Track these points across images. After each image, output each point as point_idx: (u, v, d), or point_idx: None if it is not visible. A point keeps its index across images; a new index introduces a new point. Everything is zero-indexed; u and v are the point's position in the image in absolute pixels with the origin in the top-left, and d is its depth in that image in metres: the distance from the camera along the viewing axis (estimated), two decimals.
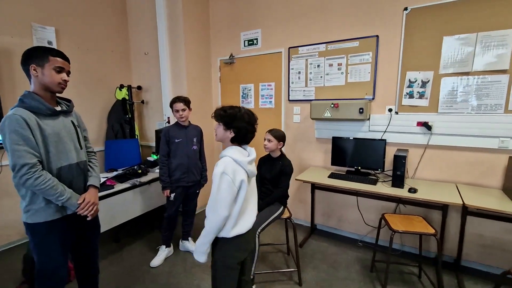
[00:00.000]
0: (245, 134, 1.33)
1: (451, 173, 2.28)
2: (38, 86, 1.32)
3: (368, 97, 2.54)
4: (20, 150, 1.20)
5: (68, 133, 1.40)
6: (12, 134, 1.19)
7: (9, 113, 1.22)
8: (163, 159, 2.32)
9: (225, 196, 1.22)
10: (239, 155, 1.29)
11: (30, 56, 1.29)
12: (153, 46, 3.41)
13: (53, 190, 1.27)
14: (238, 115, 1.30)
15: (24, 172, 1.20)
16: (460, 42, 2.12)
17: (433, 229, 1.83)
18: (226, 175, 1.22)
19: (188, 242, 2.56)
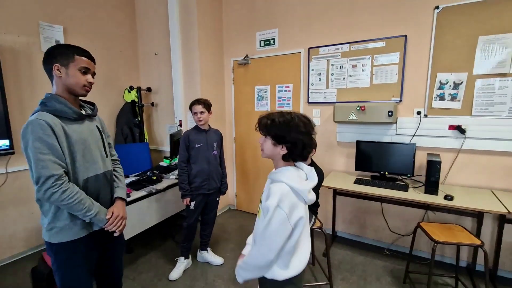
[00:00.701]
0: (302, 150, 1.02)
1: (486, 179, 2.18)
2: (61, 88, 1.18)
3: (395, 99, 2.44)
4: (45, 160, 1.06)
5: (94, 139, 1.27)
6: (36, 142, 1.05)
7: (32, 118, 1.08)
8: (183, 165, 2.18)
9: (274, 236, 0.97)
10: (298, 181, 1.01)
11: (54, 54, 1.16)
12: (163, 46, 3.27)
13: (80, 205, 1.13)
14: (292, 124, 1.01)
15: (50, 185, 1.06)
16: (498, 42, 2.02)
17: (478, 240, 1.72)
18: (281, 210, 0.96)
19: (207, 253, 2.42)
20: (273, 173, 1.09)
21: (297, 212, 1.00)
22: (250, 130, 3.34)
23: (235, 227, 3.14)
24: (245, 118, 3.37)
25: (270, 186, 1.04)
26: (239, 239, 2.84)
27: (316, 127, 2.84)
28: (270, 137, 1.05)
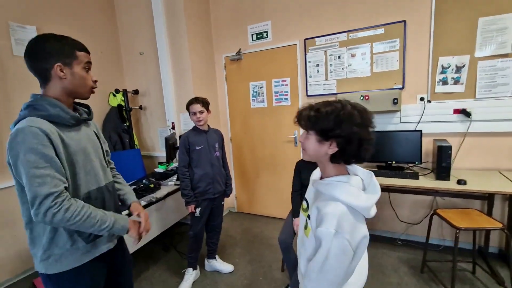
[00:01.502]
0: (358, 147, 0.80)
1: (493, 160, 2.18)
2: (60, 91, 0.99)
3: (397, 86, 2.39)
4: (42, 175, 0.86)
5: (94, 148, 1.10)
6: (29, 154, 0.86)
7: (22, 125, 0.88)
8: (184, 170, 2.02)
9: (336, 269, 0.77)
10: (357, 196, 0.79)
11: (50, 51, 0.94)
12: (148, 45, 3.07)
13: (91, 220, 0.94)
14: (343, 113, 0.79)
15: (49, 204, 0.86)
16: (498, 23, 2.01)
17: (499, 222, 1.69)
18: (341, 237, 0.75)
19: (216, 261, 2.27)
20: (322, 184, 0.86)
21: (359, 232, 0.79)
22: (247, 128, 3.20)
23: (239, 230, 3.00)
24: (241, 116, 3.23)
25: (319, 205, 0.83)
26: (245, 243, 2.70)
27: None
28: (314, 132, 0.83)
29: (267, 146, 3.13)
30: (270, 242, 2.70)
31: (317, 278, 0.79)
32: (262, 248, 2.59)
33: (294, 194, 1.94)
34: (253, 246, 2.64)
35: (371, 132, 0.82)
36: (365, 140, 0.80)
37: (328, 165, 0.86)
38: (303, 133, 0.89)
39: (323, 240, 0.77)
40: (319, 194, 0.88)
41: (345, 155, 0.82)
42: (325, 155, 0.84)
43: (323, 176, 0.91)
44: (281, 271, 2.22)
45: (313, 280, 0.81)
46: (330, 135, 0.80)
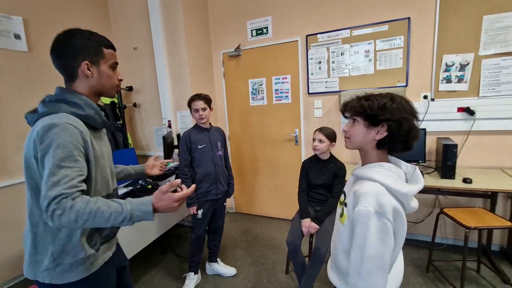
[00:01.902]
0: (408, 133, 0.81)
1: (496, 159, 2.19)
2: (87, 90, 0.94)
3: (401, 84, 2.37)
4: (60, 174, 0.78)
5: (108, 152, 1.05)
6: (57, 150, 0.79)
7: (58, 120, 0.82)
8: (186, 170, 1.93)
9: (380, 250, 0.74)
10: (397, 180, 0.80)
11: (78, 47, 0.89)
12: (143, 40, 2.94)
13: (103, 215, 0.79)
14: (393, 100, 0.82)
15: (54, 206, 0.76)
16: (502, 21, 2.01)
17: (507, 221, 1.69)
18: (383, 217, 0.74)
19: (217, 264, 2.19)
20: (361, 168, 0.88)
21: (401, 216, 0.77)
22: (246, 126, 3.12)
23: (238, 231, 2.92)
24: (239, 114, 3.15)
25: (356, 188, 0.83)
26: (246, 245, 2.63)
27: (318, 119, 2.76)
28: (362, 118, 0.85)
29: (267, 145, 3.06)
30: (271, 243, 2.63)
31: (359, 269, 0.76)
32: (264, 249, 2.53)
33: (301, 194, 1.88)
34: (254, 248, 2.57)
35: (417, 120, 0.84)
36: (413, 127, 0.82)
37: (372, 152, 0.88)
38: (349, 122, 0.92)
39: (361, 219, 0.76)
40: (358, 179, 0.89)
41: (394, 140, 0.83)
42: (372, 142, 0.86)
43: (364, 164, 0.92)
44: (286, 273, 2.16)
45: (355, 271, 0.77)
46: (381, 118, 0.81)
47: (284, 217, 3.13)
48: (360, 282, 0.77)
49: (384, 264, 0.75)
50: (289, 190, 3.04)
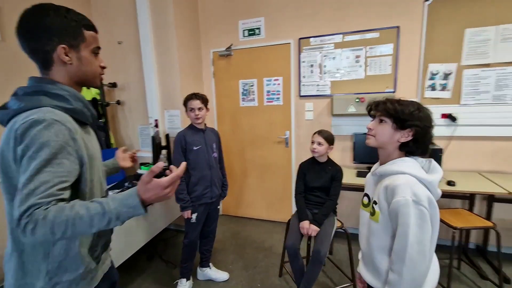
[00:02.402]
0: (428, 141, 0.93)
1: (474, 163, 2.34)
2: (67, 79, 0.79)
3: (389, 90, 2.46)
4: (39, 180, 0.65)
5: (99, 150, 0.93)
6: (40, 152, 0.66)
7: (41, 116, 0.68)
8: None
9: (421, 237, 0.81)
10: (422, 172, 0.90)
11: (55, 28, 0.74)
12: (129, 33, 2.78)
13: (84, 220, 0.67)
14: (423, 109, 0.92)
15: (25, 220, 0.63)
16: (481, 34, 2.16)
17: (490, 222, 1.81)
18: (420, 205, 0.82)
19: (210, 269, 2.13)
20: (384, 166, 0.95)
21: (433, 204, 0.85)
22: (235, 127, 3.08)
23: (228, 234, 2.87)
24: (228, 115, 3.09)
25: (387, 183, 0.89)
26: (236, 248, 2.58)
27: (309, 121, 2.79)
28: (391, 120, 0.93)
29: (257, 147, 3.03)
30: (262, 246, 2.61)
31: (403, 257, 0.82)
32: (256, 252, 2.50)
33: (298, 197, 1.88)
34: (245, 251, 2.53)
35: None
36: (432, 135, 0.94)
37: (394, 152, 0.96)
38: (375, 121, 0.99)
39: (401, 208, 0.83)
40: (382, 177, 0.96)
41: (417, 144, 0.92)
42: (396, 143, 0.94)
43: (385, 162, 0.98)
44: (279, 276, 2.14)
45: (400, 260, 0.83)
46: (409, 124, 0.90)
47: (274, 219, 3.12)
48: (405, 268, 0.82)
49: (425, 250, 0.82)
50: (279, 192, 3.04)
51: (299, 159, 2.86)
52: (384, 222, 0.91)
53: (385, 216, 0.91)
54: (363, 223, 1.06)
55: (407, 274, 0.82)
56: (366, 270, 1.04)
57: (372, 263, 0.99)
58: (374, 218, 0.95)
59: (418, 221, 0.82)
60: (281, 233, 2.80)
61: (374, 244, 0.96)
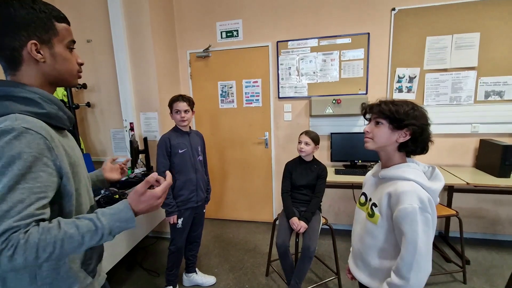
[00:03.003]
0: (427, 139, 0.93)
1: (436, 158, 2.59)
2: (39, 80, 0.71)
3: (362, 92, 2.63)
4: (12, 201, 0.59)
5: (81, 156, 0.86)
6: (12, 166, 0.59)
7: (10, 125, 0.61)
8: None
9: (427, 243, 0.83)
10: (425, 179, 0.90)
11: (22, 20, 0.65)
12: (99, 31, 2.63)
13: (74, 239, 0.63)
14: (417, 108, 0.92)
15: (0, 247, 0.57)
16: (440, 42, 2.41)
17: (453, 210, 2.02)
18: (426, 212, 0.83)
19: (196, 275, 2.09)
20: (389, 170, 0.94)
21: (434, 213, 0.86)
22: (215, 130, 3.05)
23: (210, 238, 2.83)
24: (207, 116, 3.06)
25: (390, 189, 0.90)
26: (220, 251, 2.57)
27: (288, 122, 2.86)
28: (387, 121, 0.92)
29: (237, 148, 3.04)
30: (246, 247, 2.62)
31: (412, 260, 0.83)
32: (240, 254, 2.50)
33: (285, 195, 1.93)
34: (229, 253, 2.52)
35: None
36: (429, 133, 0.94)
37: (394, 153, 0.96)
38: (371, 123, 0.98)
39: (409, 216, 0.83)
40: (384, 181, 0.96)
41: (415, 143, 0.92)
42: (394, 143, 0.94)
43: (387, 165, 0.98)
44: (266, 276, 2.17)
45: (407, 264, 0.84)
46: (406, 123, 0.90)
47: (256, 220, 3.14)
48: (412, 273, 0.84)
49: (429, 254, 0.85)
50: (260, 193, 3.08)
51: (279, 160, 2.93)
52: (384, 226, 0.93)
53: (385, 221, 0.92)
54: (358, 221, 1.08)
55: (414, 279, 0.84)
56: (356, 266, 1.08)
57: (363, 260, 1.02)
58: (373, 220, 0.96)
59: (424, 228, 0.83)
60: (264, 233, 2.84)
61: (369, 244, 0.98)
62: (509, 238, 2.56)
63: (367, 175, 1.12)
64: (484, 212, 2.56)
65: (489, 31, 2.30)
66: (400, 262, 0.86)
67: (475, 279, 2.04)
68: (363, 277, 1.03)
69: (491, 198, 2.53)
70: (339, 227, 2.91)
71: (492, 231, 2.57)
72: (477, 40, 2.34)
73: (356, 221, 1.10)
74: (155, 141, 2.55)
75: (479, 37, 2.33)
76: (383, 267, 0.96)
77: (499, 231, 2.56)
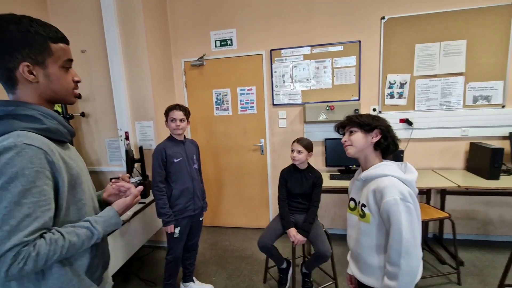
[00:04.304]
0: (394, 136, 1.08)
1: (427, 161, 2.65)
2: (36, 98, 0.74)
3: (354, 98, 2.68)
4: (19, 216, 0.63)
5: (84, 166, 0.90)
6: (15, 183, 0.63)
7: (12, 142, 0.64)
8: (161, 186, 1.80)
9: (412, 230, 0.92)
10: (401, 173, 1.01)
11: (16, 42, 0.68)
12: (93, 41, 2.64)
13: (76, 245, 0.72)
14: (375, 117, 1.09)
15: (9, 262, 0.61)
16: (428, 49, 2.48)
17: (445, 213, 2.06)
18: (407, 202, 0.93)
19: (194, 284, 2.08)
20: (370, 170, 1.05)
21: (416, 203, 0.96)
22: (210, 137, 3.07)
23: (206, 245, 2.82)
24: (202, 124, 3.08)
25: (373, 187, 1.00)
26: (217, 259, 2.56)
27: (283, 129, 2.90)
28: (358, 128, 1.08)
29: (232, 155, 3.06)
30: (243, 254, 2.62)
31: (401, 248, 0.92)
32: (237, 261, 2.50)
33: (282, 203, 1.94)
34: (226, 261, 2.52)
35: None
36: (395, 133, 1.10)
37: (371, 154, 1.09)
38: (346, 134, 1.13)
39: (392, 207, 0.93)
40: (367, 181, 1.07)
41: (386, 140, 1.06)
42: (371, 144, 1.07)
43: (367, 167, 1.10)
44: (264, 283, 2.18)
45: (397, 252, 0.93)
46: (374, 126, 1.06)
47: (252, 226, 3.15)
48: (402, 260, 0.92)
49: (417, 241, 0.93)
50: (256, 199, 3.09)
51: (275, 166, 2.96)
52: (375, 223, 1.01)
53: (375, 217, 1.01)
54: (351, 225, 1.15)
55: (405, 265, 0.92)
56: (358, 270, 1.13)
57: (364, 261, 1.08)
58: (365, 220, 1.04)
59: (407, 216, 0.93)
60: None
61: (366, 244, 1.05)
62: (500, 239, 2.61)
63: (351, 182, 1.22)
64: (475, 213, 2.62)
65: (475, 38, 2.39)
66: (390, 250, 0.96)
67: (470, 280, 2.08)
68: (364, 278, 1.09)
69: (482, 200, 2.59)
70: (335, 232, 2.94)
71: (484, 232, 2.63)
72: (464, 47, 2.42)
73: (349, 226, 1.17)
74: (150, 150, 2.56)
75: (466, 44, 2.41)
76: (383, 264, 1.02)
77: (491, 232, 2.61)
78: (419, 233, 0.95)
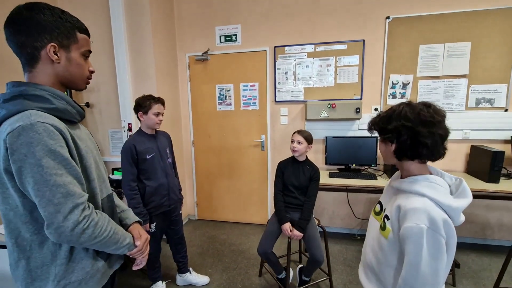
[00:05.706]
0: (412, 141, 0.80)
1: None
2: (51, 78, 0.79)
3: (356, 97, 2.69)
4: (64, 183, 0.71)
5: (96, 148, 0.94)
6: (46, 159, 0.68)
7: (28, 121, 0.68)
8: (133, 185, 1.70)
9: (435, 269, 0.72)
10: (445, 194, 0.78)
11: (49, 26, 0.75)
12: (100, 33, 2.67)
13: (116, 236, 0.83)
14: (396, 111, 0.84)
15: (77, 219, 0.71)
16: (432, 50, 2.48)
17: None
18: (437, 234, 0.72)
19: (190, 274, 2.11)
20: (406, 182, 0.85)
21: (451, 236, 0.75)
22: (212, 132, 3.10)
23: (204, 238, 2.85)
24: (205, 119, 3.10)
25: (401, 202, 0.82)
26: (214, 252, 2.59)
27: (284, 125, 2.91)
28: (379, 134, 0.89)
29: (234, 150, 3.08)
30: (240, 248, 2.65)
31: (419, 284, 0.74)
32: (234, 255, 2.53)
33: (278, 194, 1.94)
34: (223, 254, 2.54)
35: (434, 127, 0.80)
36: (421, 133, 0.79)
37: (405, 163, 0.87)
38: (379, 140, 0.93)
39: (413, 236, 0.74)
40: (399, 192, 0.87)
41: (402, 149, 0.83)
42: (391, 154, 0.87)
43: (404, 175, 0.90)
44: (259, 276, 2.20)
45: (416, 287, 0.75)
46: (389, 128, 0.84)
47: (251, 221, 3.17)
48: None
49: (439, 281, 0.74)
50: (255, 195, 3.11)
51: (275, 162, 2.97)
52: (392, 241, 0.84)
53: (395, 236, 0.83)
54: (371, 233, 0.98)
55: None
56: (369, 282, 0.97)
57: (376, 275, 0.93)
58: (384, 234, 0.87)
59: (432, 252, 0.73)
60: (258, 235, 2.87)
61: (381, 259, 0.89)
62: (498, 243, 2.60)
63: (387, 182, 1.02)
64: (474, 217, 2.61)
65: (480, 40, 2.38)
66: (401, 282, 0.78)
67: (464, 281, 2.08)
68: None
69: (481, 204, 2.58)
70: (333, 230, 2.95)
71: (482, 236, 2.62)
72: (468, 49, 2.41)
73: (369, 232, 1.00)
74: None
75: (470, 46, 2.40)
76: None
77: (489, 236, 2.61)
78: (444, 274, 0.74)
